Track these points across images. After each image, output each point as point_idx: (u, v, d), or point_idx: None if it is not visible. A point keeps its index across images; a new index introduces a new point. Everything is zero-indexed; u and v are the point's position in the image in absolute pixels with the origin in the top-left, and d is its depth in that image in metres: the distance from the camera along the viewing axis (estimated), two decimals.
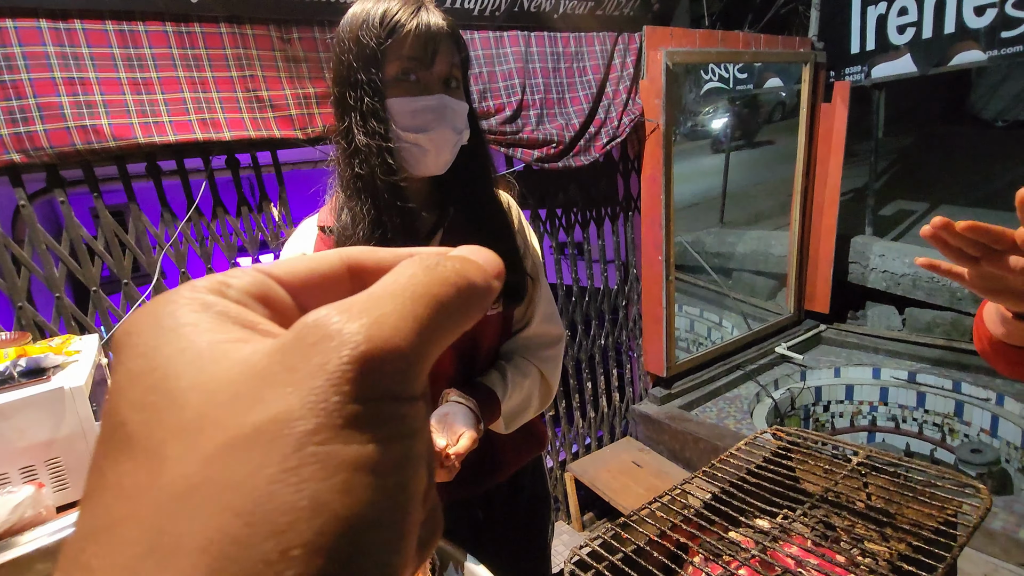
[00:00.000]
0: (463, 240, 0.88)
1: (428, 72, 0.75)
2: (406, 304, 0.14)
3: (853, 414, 3.02)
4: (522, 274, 0.89)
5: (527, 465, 1.00)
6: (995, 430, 2.58)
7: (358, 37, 0.73)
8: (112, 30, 1.40)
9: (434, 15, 0.74)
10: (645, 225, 2.57)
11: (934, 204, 4.27)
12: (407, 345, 0.14)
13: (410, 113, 0.75)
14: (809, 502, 0.58)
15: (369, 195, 0.76)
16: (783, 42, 2.88)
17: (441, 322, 0.15)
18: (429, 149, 0.77)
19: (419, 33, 0.72)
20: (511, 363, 0.91)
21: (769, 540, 0.53)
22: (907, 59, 2.81)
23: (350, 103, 0.74)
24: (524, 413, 0.91)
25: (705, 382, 2.87)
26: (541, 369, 0.93)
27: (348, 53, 0.74)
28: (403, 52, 0.73)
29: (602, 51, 2.30)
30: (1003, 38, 2.46)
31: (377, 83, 0.73)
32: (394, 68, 0.74)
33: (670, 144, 2.41)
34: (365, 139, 0.74)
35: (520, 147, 2.09)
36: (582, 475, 2.49)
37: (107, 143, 1.39)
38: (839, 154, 3.00)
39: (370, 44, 0.72)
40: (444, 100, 0.76)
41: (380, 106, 0.74)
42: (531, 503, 1.02)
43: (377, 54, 0.72)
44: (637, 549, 0.54)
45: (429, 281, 0.15)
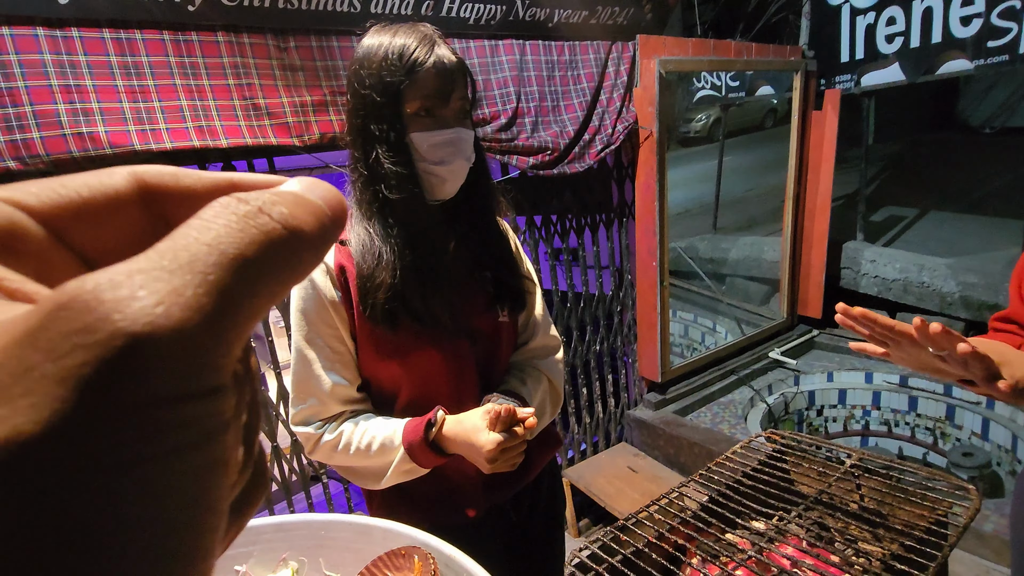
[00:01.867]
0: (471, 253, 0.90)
1: (445, 108, 0.81)
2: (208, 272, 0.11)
3: (846, 418, 3.04)
4: (523, 281, 0.96)
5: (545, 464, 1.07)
6: (986, 433, 2.61)
7: (379, 74, 0.77)
8: (109, 38, 1.40)
9: (446, 50, 0.79)
10: (639, 231, 2.59)
11: (924, 210, 4.33)
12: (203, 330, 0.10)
13: (430, 147, 0.80)
14: (803, 504, 0.59)
15: (398, 218, 0.82)
16: (774, 50, 2.92)
17: (258, 290, 0.11)
18: (448, 179, 0.83)
19: (438, 72, 0.78)
20: (524, 371, 0.97)
21: (765, 541, 0.54)
22: (896, 68, 2.85)
23: (375, 134, 0.79)
24: (543, 418, 0.97)
25: (699, 387, 2.89)
26: (549, 376, 0.99)
27: (370, 89, 0.78)
28: (424, 91, 0.78)
29: (596, 59, 2.32)
30: (989, 47, 2.50)
31: (402, 117, 0.79)
32: (415, 105, 0.79)
33: (664, 151, 2.44)
34: (394, 168, 0.79)
35: (515, 154, 2.11)
36: (577, 481, 2.49)
37: (103, 150, 1.39)
38: (830, 161, 3.04)
39: (393, 81, 0.77)
40: (460, 133, 0.81)
41: (405, 138, 0.80)
42: (550, 500, 1.07)
43: (398, 89, 0.77)
44: (636, 551, 0.55)
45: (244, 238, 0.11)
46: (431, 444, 0.81)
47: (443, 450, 0.82)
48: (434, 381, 0.88)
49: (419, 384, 0.88)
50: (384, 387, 0.90)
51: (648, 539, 0.57)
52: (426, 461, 0.82)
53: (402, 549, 0.64)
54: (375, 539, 0.66)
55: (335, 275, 0.84)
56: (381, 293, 0.80)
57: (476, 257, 0.91)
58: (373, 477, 0.85)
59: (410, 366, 0.87)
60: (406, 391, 0.89)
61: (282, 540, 0.68)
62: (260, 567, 0.68)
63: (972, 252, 3.25)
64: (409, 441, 0.81)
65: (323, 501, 2.02)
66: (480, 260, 0.92)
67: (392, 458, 0.82)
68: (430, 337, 0.86)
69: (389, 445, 0.82)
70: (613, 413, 2.82)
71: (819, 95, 3.06)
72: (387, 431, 0.83)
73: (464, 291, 0.90)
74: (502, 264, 0.93)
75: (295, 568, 0.67)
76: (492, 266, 0.92)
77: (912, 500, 0.57)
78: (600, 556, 0.56)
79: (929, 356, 0.62)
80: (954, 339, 0.57)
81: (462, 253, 0.90)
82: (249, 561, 0.67)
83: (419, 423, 0.82)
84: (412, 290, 0.82)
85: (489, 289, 0.91)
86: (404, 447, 0.81)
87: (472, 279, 0.91)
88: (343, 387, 0.86)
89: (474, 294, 0.91)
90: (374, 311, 0.80)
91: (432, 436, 0.80)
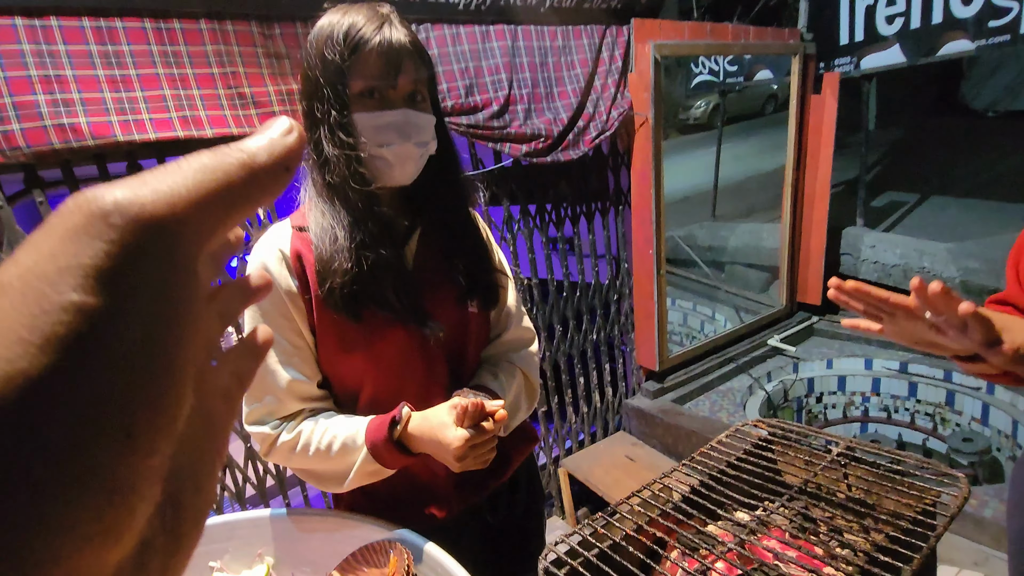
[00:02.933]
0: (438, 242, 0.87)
1: (391, 90, 0.77)
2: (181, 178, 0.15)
3: (846, 405, 3.02)
4: (496, 275, 0.92)
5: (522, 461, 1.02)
6: (986, 419, 2.59)
7: (323, 52, 0.75)
8: (89, 26, 1.38)
9: (397, 31, 0.76)
10: (635, 220, 2.57)
11: (925, 195, 4.28)
12: (166, 210, 0.15)
13: (373, 128, 0.77)
14: (787, 494, 0.57)
15: (343, 203, 0.78)
16: (772, 34, 2.87)
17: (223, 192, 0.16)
18: (394, 163, 0.79)
19: (382, 51, 0.74)
20: (497, 366, 0.94)
21: (746, 533, 0.53)
22: (896, 50, 2.80)
23: (318, 116, 0.77)
24: (518, 414, 0.93)
25: (698, 375, 2.87)
26: (523, 369, 0.95)
27: (315, 68, 0.76)
28: (367, 70, 0.75)
29: (590, 44, 2.29)
30: (990, 27, 2.46)
31: (344, 98, 0.75)
32: (358, 85, 0.76)
33: (660, 138, 2.41)
34: (335, 150, 0.76)
35: (508, 142, 2.08)
36: (575, 470, 2.48)
37: (86, 142, 1.37)
38: (829, 146, 3.00)
39: (335, 60, 0.74)
40: (407, 115, 0.78)
41: (348, 120, 0.76)
42: (529, 499, 1.04)
43: (342, 70, 0.74)
44: (613, 544, 0.53)
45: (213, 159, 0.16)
46: (396, 443, 0.77)
47: (409, 449, 0.78)
48: (400, 375, 0.85)
49: (384, 379, 0.84)
50: (346, 383, 0.86)
51: (626, 532, 0.56)
52: (391, 461, 0.77)
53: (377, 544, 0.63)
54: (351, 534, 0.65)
55: (291, 263, 0.80)
56: (339, 278, 0.76)
57: (444, 249, 0.88)
58: (335, 480, 0.80)
59: (374, 359, 0.83)
60: (370, 386, 0.85)
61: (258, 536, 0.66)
62: (236, 563, 0.66)
63: (973, 237, 3.21)
64: (372, 440, 0.77)
65: (300, 502, 2.00)
66: (449, 252, 0.88)
67: (355, 459, 0.77)
68: (395, 328, 0.82)
69: (351, 445, 0.77)
70: (611, 402, 2.81)
71: (818, 79, 3.01)
72: (349, 430, 0.79)
73: (430, 282, 0.87)
74: (473, 257, 0.90)
75: (271, 563, 0.65)
76: (462, 259, 0.88)
77: (899, 489, 0.55)
78: (577, 550, 0.54)
79: (925, 329, 0.59)
80: (954, 300, 0.54)
81: (428, 244, 0.87)
82: (224, 557, 0.66)
83: (383, 420, 0.78)
84: (370, 275, 0.78)
85: (459, 282, 0.88)
86: (367, 446, 0.77)
87: (440, 271, 0.88)
88: (302, 383, 0.81)
89: (441, 285, 0.88)
90: (333, 297, 0.77)
91: (397, 434, 0.76)
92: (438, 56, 1.91)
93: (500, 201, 2.26)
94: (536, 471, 1.08)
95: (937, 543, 0.47)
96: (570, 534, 0.58)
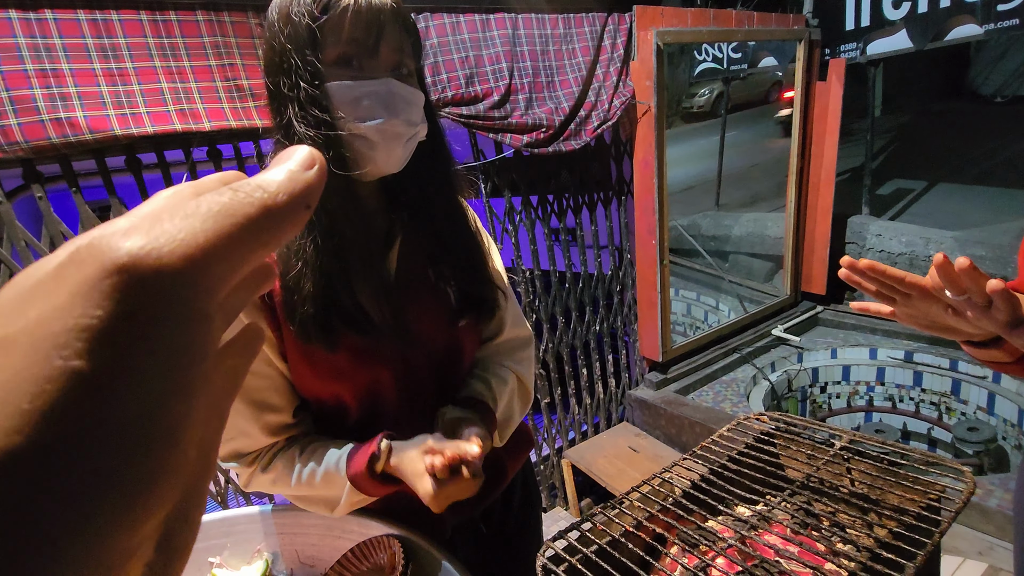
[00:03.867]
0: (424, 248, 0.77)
1: (372, 59, 0.66)
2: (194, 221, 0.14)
3: (850, 395, 3.01)
4: (491, 288, 0.82)
5: None
6: (992, 408, 2.58)
7: (289, 15, 0.63)
8: (84, 19, 1.36)
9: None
10: (638, 209, 2.55)
11: (931, 183, 4.24)
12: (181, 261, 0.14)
13: (352, 100, 0.65)
14: (789, 489, 0.57)
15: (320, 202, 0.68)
16: (776, 19, 2.83)
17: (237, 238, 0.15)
18: (378, 142, 0.67)
19: (359, 10, 0.62)
20: (489, 371, 0.86)
21: (747, 529, 0.52)
22: (903, 34, 2.76)
23: (286, 92, 0.64)
24: (512, 420, 0.87)
25: (701, 366, 2.87)
26: (518, 373, 0.88)
27: (279, 35, 0.64)
28: (342, 34, 0.63)
29: (591, 32, 2.26)
30: (999, 11, 2.41)
31: (315, 66, 0.63)
32: (333, 53, 0.64)
33: (663, 126, 2.38)
34: (308, 131, 0.64)
35: (509, 132, 2.06)
36: (579, 461, 2.49)
37: (83, 136, 1.36)
38: (835, 133, 2.96)
39: (303, 22, 0.62)
40: (391, 85, 0.66)
41: (321, 91, 0.64)
42: (523, 506, 0.98)
43: (313, 33, 0.62)
44: (612, 541, 0.53)
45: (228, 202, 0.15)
46: (379, 475, 0.70)
47: (393, 478, 0.71)
48: (383, 399, 0.77)
49: (368, 402, 0.77)
50: (328, 406, 0.78)
51: (626, 528, 0.55)
52: (375, 491, 0.71)
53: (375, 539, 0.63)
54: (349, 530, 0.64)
55: None
56: (309, 306, 0.66)
57: (431, 255, 0.77)
58: (324, 505, 0.74)
59: (355, 386, 0.75)
60: (353, 409, 0.77)
61: (256, 532, 0.66)
62: (235, 559, 0.66)
63: (980, 224, 3.18)
64: (354, 473, 0.70)
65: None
66: (434, 258, 0.77)
67: (339, 489, 0.71)
68: (375, 351, 0.73)
69: (334, 476, 0.71)
70: (614, 393, 2.81)
71: (823, 65, 2.97)
72: (329, 461, 0.72)
73: (415, 296, 0.77)
74: (464, 267, 0.79)
75: (269, 559, 0.65)
76: (452, 269, 0.78)
77: (903, 483, 0.55)
78: (575, 547, 0.54)
79: (940, 311, 0.56)
80: (982, 277, 0.51)
81: (413, 250, 0.77)
82: (223, 553, 0.66)
83: (363, 455, 0.70)
84: (345, 293, 0.68)
85: (448, 295, 0.77)
86: (349, 479, 0.70)
87: (426, 281, 0.77)
88: (273, 415, 0.73)
89: (428, 300, 0.78)
90: (304, 327, 0.67)
91: (379, 469, 0.70)
92: (438, 45, 1.89)
93: (502, 192, 2.25)
94: (532, 475, 1.02)
95: (941, 540, 0.47)
96: (568, 530, 0.57)
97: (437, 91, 1.87)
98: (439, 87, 1.88)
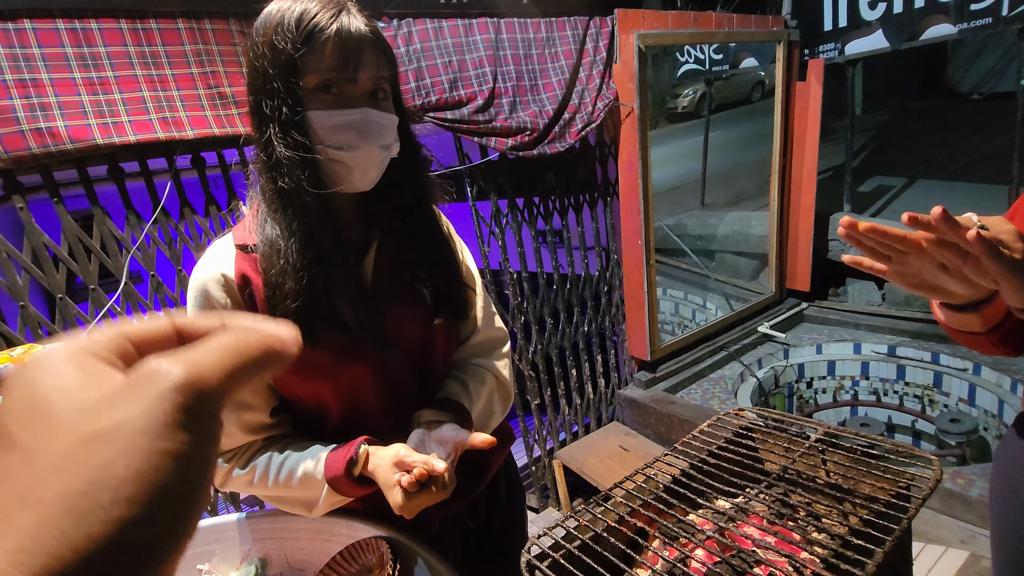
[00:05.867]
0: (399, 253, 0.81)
1: (351, 85, 0.69)
2: (216, 356, 0.21)
3: (836, 389, 3.06)
4: (464, 288, 0.86)
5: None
6: (973, 399, 2.63)
7: (272, 41, 0.66)
8: (63, 28, 1.36)
9: (356, 19, 0.68)
10: (623, 210, 2.57)
11: (912, 179, 4.31)
12: (213, 382, 0.20)
13: (331, 129, 0.69)
14: (767, 481, 0.58)
15: (296, 211, 0.70)
16: (756, 21, 2.87)
17: (243, 369, 0.21)
18: (354, 167, 0.71)
19: (339, 41, 0.66)
20: (466, 372, 0.89)
21: (725, 521, 0.53)
22: (879, 35, 2.81)
23: (267, 112, 0.68)
24: (491, 419, 0.89)
25: (689, 364, 2.89)
26: (495, 372, 0.91)
27: (263, 59, 0.67)
28: (323, 62, 0.67)
29: (574, 35, 2.28)
30: (972, 10, 2.47)
31: (296, 92, 0.67)
32: (313, 79, 0.68)
33: (646, 128, 2.41)
34: (287, 152, 0.68)
35: (494, 136, 2.07)
36: (570, 461, 2.50)
37: (64, 145, 1.36)
38: (815, 132, 3.01)
39: (286, 49, 0.65)
40: (368, 115, 0.70)
41: (301, 117, 0.68)
42: (508, 500, 1.01)
43: (295, 61, 0.66)
44: (595, 536, 0.54)
45: (236, 342, 0.22)
46: (357, 478, 0.72)
47: (370, 480, 0.73)
48: (363, 398, 0.80)
49: (347, 402, 0.79)
50: (308, 406, 0.80)
51: (608, 523, 0.57)
52: (353, 492, 0.74)
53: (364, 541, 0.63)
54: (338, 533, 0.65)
55: (236, 287, 0.73)
56: (289, 301, 0.70)
57: (406, 260, 0.81)
58: (301, 506, 0.76)
59: (336, 384, 0.77)
60: (333, 409, 0.80)
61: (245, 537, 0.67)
62: (224, 564, 0.67)
63: None
64: (332, 476, 0.72)
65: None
66: (410, 263, 0.81)
67: (317, 491, 0.74)
68: (354, 350, 0.76)
69: (311, 477, 0.73)
70: (604, 393, 2.83)
71: (803, 66, 3.02)
72: (307, 462, 0.74)
73: (391, 298, 0.80)
74: (438, 269, 0.83)
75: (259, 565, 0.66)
76: (426, 271, 0.81)
77: (875, 473, 0.56)
78: (559, 543, 0.55)
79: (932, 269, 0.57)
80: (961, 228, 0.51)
81: (388, 256, 0.80)
82: (213, 559, 0.66)
83: (341, 458, 0.73)
84: (325, 294, 0.72)
85: (423, 295, 0.81)
86: (327, 481, 0.72)
87: (401, 285, 0.81)
88: (251, 414, 0.76)
89: (404, 302, 0.81)
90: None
91: (356, 472, 0.72)
92: (421, 51, 1.89)
93: (488, 195, 2.26)
94: (515, 469, 1.06)
95: (910, 524, 0.48)
96: (553, 527, 0.58)
97: (421, 96, 1.88)
98: (423, 92, 1.89)
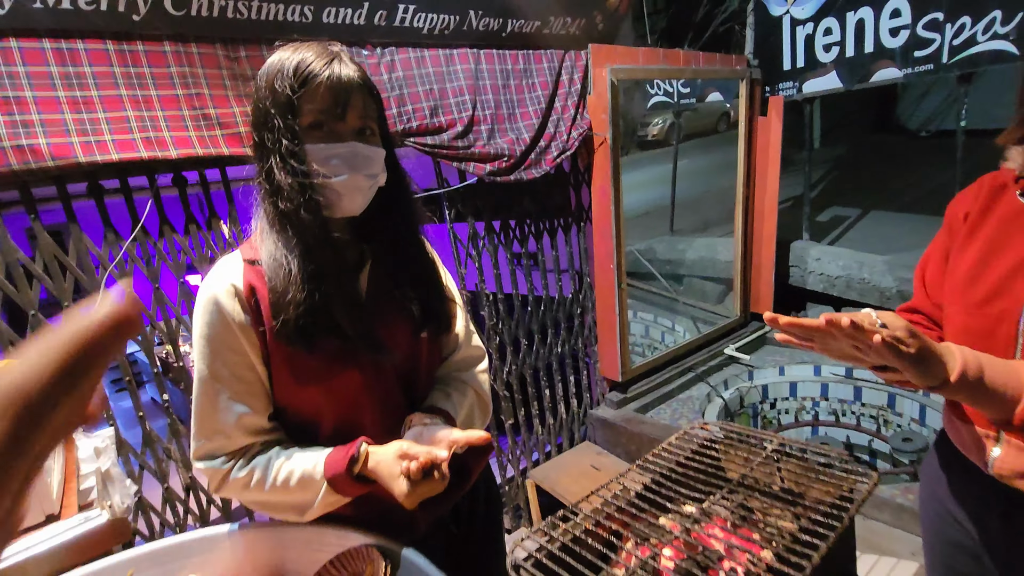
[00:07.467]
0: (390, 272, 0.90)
1: (340, 123, 0.80)
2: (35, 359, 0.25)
3: (798, 410, 3.17)
4: (448, 303, 0.95)
5: None
6: (924, 419, 2.77)
7: (273, 85, 0.77)
8: (49, 48, 1.37)
9: (347, 67, 0.79)
10: (596, 235, 2.66)
11: (866, 210, 4.55)
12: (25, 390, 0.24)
13: (322, 159, 0.79)
14: (728, 487, 0.64)
15: (296, 232, 0.79)
16: (721, 59, 3.04)
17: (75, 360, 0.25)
18: (344, 194, 0.81)
19: (331, 85, 0.77)
20: (449, 385, 0.97)
21: (691, 523, 0.59)
22: (833, 75, 3.01)
23: (269, 146, 0.78)
24: (473, 427, 0.94)
25: (659, 385, 2.97)
26: (475, 386, 0.99)
27: (265, 100, 0.78)
28: (315, 103, 0.77)
29: (550, 68, 2.38)
30: (916, 57, 2.67)
31: (294, 128, 0.78)
32: (308, 118, 0.78)
33: (618, 156, 2.51)
34: (288, 178, 0.78)
35: (472, 161, 2.14)
36: (543, 481, 2.53)
37: (45, 163, 1.36)
38: (776, 164, 3.18)
39: (285, 92, 0.76)
40: (355, 148, 0.80)
41: (299, 148, 0.78)
42: (487, 504, 1.06)
43: (292, 101, 0.77)
44: (574, 538, 0.58)
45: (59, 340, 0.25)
46: (356, 476, 0.77)
47: (368, 479, 0.78)
48: (356, 404, 0.86)
49: (340, 408, 0.85)
50: (303, 413, 0.86)
51: (586, 527, 0.61)
52: (351, 491, 0.79)
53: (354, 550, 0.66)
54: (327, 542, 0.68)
55: (244, 296, 0.80)
56: (292, 309, 0.77)
57: (396, 279, 0.90)
58: (294, 511, 0.81)
59: (330, 390, 0.84)
60: (327, 416, 0.86)
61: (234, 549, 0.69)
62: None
63: (908, 249, 3.44)
64: (332, 474, 0.77)
65: None
66: (400, 282, 0.90)
67: (315, 491, 0.78)
68: (349, 357, 0.83)
69: (310, 478, 0.78)
70: (576, 413, 2.87)
71: (764, 102, 3.20)
72: (306, 464, 0.79)
73: (383, 312, 0.88)
74: (425, 287, 0.92)
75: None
76: (415, 289, 0.90)
77: (822, 479, 0.63)
78: (542, 545, 0.59)
79: (850, 348, 0.70)
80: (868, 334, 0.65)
81: (380, 274, 0.89)
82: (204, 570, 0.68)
83: (342, 457, 0.78)
84: (323, 305, 0.79)
85: (411, 311, 0.89)
86: (328, 480, 0.77)
87: (392, 300, 0.89)
88: (251, 417, 0.81)
89: (394, 315, 0.89)
90: (286, 329, 0.77)
91: (357, 470, 0.77)
92: (404, 78, 1.96)
93: (465, 218, 2.32)
94: (492, 477, 1.12)
95: (852, 522, 0.55)
96: (535, 530, 0.62)
97: (403, 121, 1.94)
98: (405, 118, 1.95)
